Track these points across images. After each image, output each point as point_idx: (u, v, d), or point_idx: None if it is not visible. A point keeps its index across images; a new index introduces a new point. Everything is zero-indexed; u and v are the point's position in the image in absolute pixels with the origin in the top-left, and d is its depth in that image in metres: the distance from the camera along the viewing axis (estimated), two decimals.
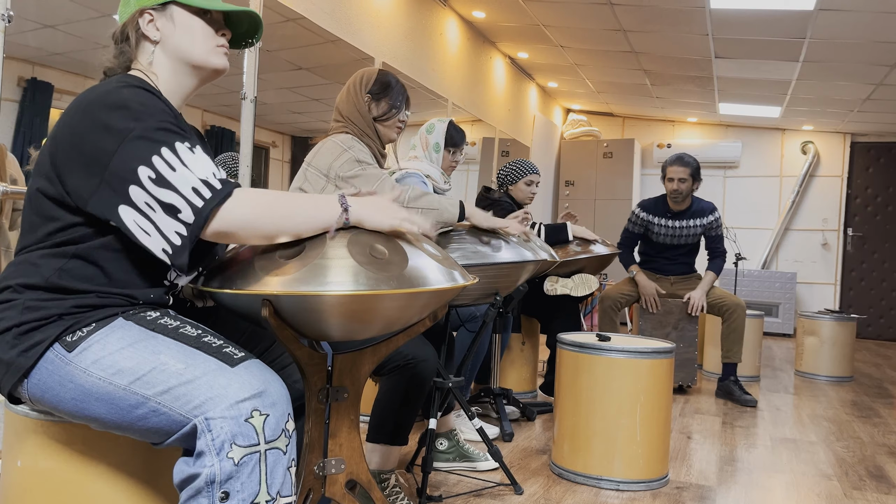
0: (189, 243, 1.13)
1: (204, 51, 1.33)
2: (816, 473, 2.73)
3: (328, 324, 1.21)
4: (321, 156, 2.07)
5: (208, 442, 1.07)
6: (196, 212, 1.12)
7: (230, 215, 1.14)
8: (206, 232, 1.14)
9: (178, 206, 1.12)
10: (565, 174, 8.05)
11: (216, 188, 1.14)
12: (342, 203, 1.22)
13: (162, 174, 1.12)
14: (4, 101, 2.19)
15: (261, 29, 1.42)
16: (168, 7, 1.31)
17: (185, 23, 1.31)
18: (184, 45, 1.32)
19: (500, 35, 5.82)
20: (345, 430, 1.44)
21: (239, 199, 1.15)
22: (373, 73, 2.20)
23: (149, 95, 1.20)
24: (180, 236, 1.13)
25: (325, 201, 1.22)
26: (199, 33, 1.32)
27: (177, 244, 1.13)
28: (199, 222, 1.12)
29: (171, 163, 1.13)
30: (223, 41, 1.36)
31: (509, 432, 2.96)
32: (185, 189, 1.12)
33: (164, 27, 1.31)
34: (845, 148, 7.76)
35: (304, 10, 3.53)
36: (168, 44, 1.32)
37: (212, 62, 1.34)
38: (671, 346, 2.50)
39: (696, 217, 4.10)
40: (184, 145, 1.15)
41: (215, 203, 1.13)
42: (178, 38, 1.31)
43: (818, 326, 5.03)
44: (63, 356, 1.14)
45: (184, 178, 1.13)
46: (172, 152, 1.14)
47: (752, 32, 4.78)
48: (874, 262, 7.73)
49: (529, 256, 2.09)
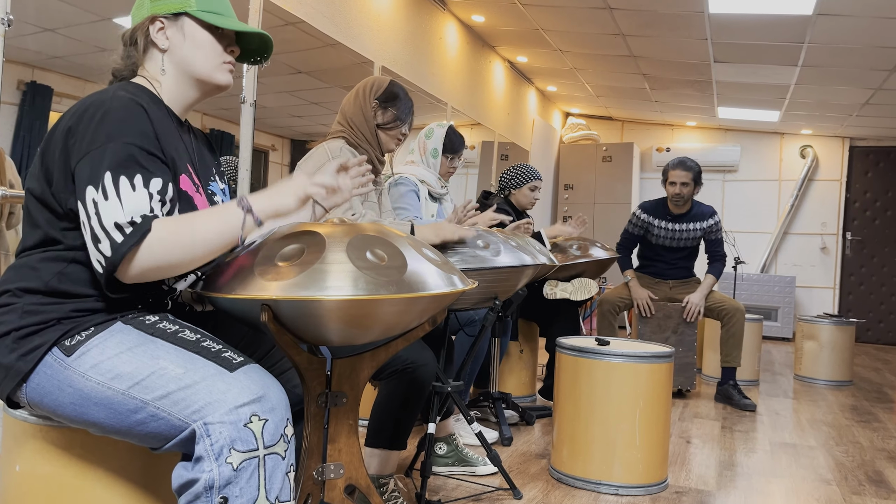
0: (106, 275, 1.12)
1: (210, 67, 1.33)
2: (816, 478, 2.72)
3: (327, 329, 1.21)
4: (310, 161, 2.09)
5: (207, 447, 1.06)
6: (114, 248, 1.11)
7: (149, 254, 1.12)
8: (127, 273, 1.12)
9: (99, 236, 1.11)
10: (564, 178, 8.05)
11: (137, 224, 1.11)
12: (242, 205, 1.19)
13: (97, 201, 1.12)
14: (4, 104, 2.19)
15: (271, 49, 1.42)
16: (181, 18, 1.31)
17: (195, 36, 1.32)
18: (190, 58, 1.32)
19: (499, 39, 5.82)
20: (344, 434, 1.44)
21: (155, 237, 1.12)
22: (384, 82, 2.22)
23: (134, 110, 1.19)
24: (100, 265, 1.12)
25: (228, 212, 1.18)
26: (208, 48, 1.33)
27: (98, 271, 1.13)
28: (115, 259, 1.11)
29: (108, 191, 1.12)
30: (230, 58, 1.36)
31: (508, 437, 2.96)
32: (108, 222, 1.11)
33: (173, 37, 1.31)
34: (844, 152, 7.77)
35: (304, 14, 3.54)
36: (175, 54, 1.32)
37: (216, 78, 1.35)
38: (670, 350, 2.50)
39: (695, 220, 4.11)
40: (130, 180, 1.13)
41: (133, 242, 1.11)
42: (186, 50, 1.32)
43: (817, 330, 5.03)
44: (62, 360, 1.14)
45: (112, 211, 1.11)
46: (114, 182, 1.12)
47: (750, 37, 4.78)
48: (873, 267, 7.73)
49: (528, 261, 2.09)
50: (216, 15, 1.33)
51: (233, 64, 1.37)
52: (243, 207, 1.19)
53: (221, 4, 1.35)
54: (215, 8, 1.33)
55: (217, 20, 1.31)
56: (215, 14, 1.33)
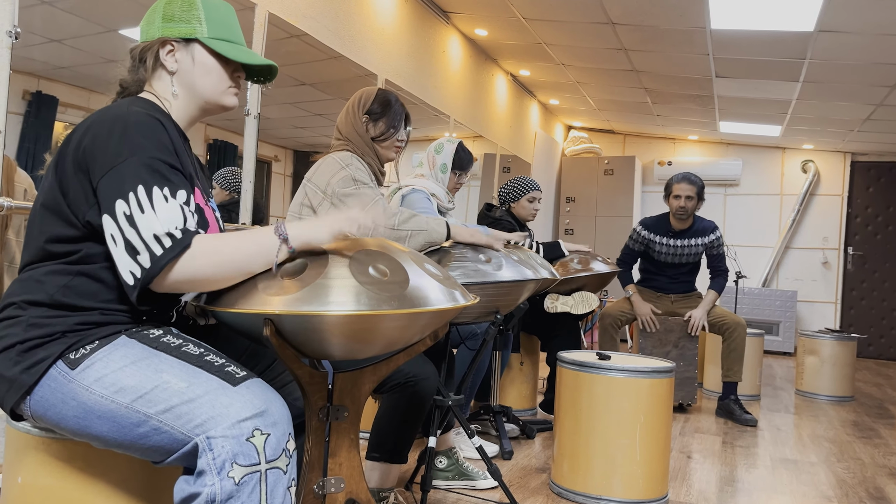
0: (140, 286, 1.13)
1: (217, 92, 1.36)
2: (817, 495, 2.72)
3: (329, 343, 1.22)
4: (320, 173, 2.09)
5: (209, 461, 1.07)
6: (154, 259, 1.12)
7: (185, 268, 1.14)
8: (162, 283, 1.14)
9: (138, 248, 1.13)
10: (566, 191, 8.07)
11: (177, 238, 1.13)
12: (280, 234, 1.21)
13: (132, 214, 1.13)
14: (9, 114, 2.20)
15: (275, 74, 1.44)
16: (191, 43, 1.33)
17: (205, 62, 1.34)
18: (198, 83, 1.34)
19: (502, 53, 5.85)
20: (345, 449, 1.44)
21: (194, 251, 1.14)
22: (371, 93, 2.21)
23: (153, 124, 1.21)
24: (134, 277, 1.13)
25: (265, 237, 1.20)
26: (216, 75, 1.35)
27: (129, 283, 1.14)
28: (153, 270, 1.12)
29: (142, 204, 1.14)
30: (237, 83, 1.39)
31: (509, 450, 2.95)
32: (147, 234, 1.13)
33: (182, 60, 1.33)
34: (846, 167, 7.78)
35: (308, 27, 3.56)
36: (183, 77, 1.34)
37: (223, 101, 1.38)
38: (671, 365, 2.50)
39: (697, 236, 4.11)
40: (161, 191, 1.16)
41: (173, 255, 1.13)
42: (194, 75, 1.34)
43: (819, 345, 5.03)
44: (66, 374, 1.14)
45: (149, 223, 1.13)
46: (147, 194, 1.14)
47: (752, 53, 4.81)
48: (875, 282, 7.73)
49: (530, 275, 2.10)
50: (227, 43, 1.35)
51: (239, 87, 1.40)
52: (280, 235, 1.21)
53: (231, 30, 1.37)
54: (225, 34, 1.35)
55: (228, 50, 1.34)
56: (226, 42, 1.35)
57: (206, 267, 1.15)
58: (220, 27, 1.35)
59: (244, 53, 1.36)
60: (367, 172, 2.12)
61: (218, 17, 1.35)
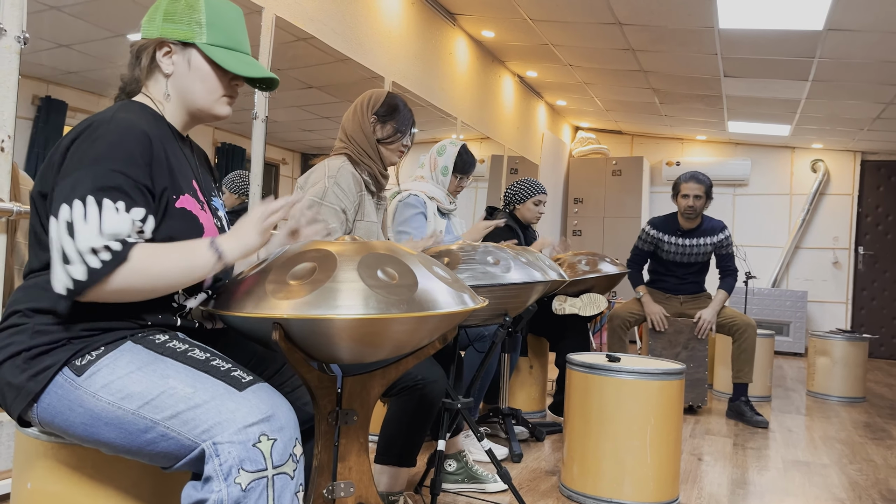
0: (71, 297, 1.11)
1: (210, 100, 1.33)
2: (829, 497, 2.69)
3: (338, 347, 1.21)
4: (310, 178, 2.09)
5: (216, 467, 1.06)
6: (90, 273, 1.09)
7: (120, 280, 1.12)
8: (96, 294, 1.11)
9: (71, 258, 1.09)
10: (574, 192, 8.05)
11: (116, 251, 1.11)
12: (214, 248, 1.19)
13: (73, 222, 1.10)
14: (18, 119, 2.21)
15: (276, 85, 1.41)
16: (189, 48, 1.30)
17: (200, 68, 1.31)
18: (192, 89, 1.31)
19: (509, 54, 5.84)
20: (354, 453, 1.44)
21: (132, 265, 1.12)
22: (381, 95, 2.20)
23: (132, 135, 1.18)
24: (66, 288, 1.10)
25: (200, 251, 1.19)
26: (210, 83, 1.32)
27: (59, 291, 1.11)
28: (87, 283, 1.09)
29: (88, 214, 1.11)
30: (232, 92, 1.35)
31: (518, 453, 2.94)
32: (84, 246, 1.09)
33: (178, 63, 1.30)
34: (856, 166, 7.73)
35: (315, 30, 3.56)
36: (178, 82, 1.31)
37: (214, 110, 1.34)
38: (681, 367, 2.48)
39: (706, 235, 4.09)
40: (114, 204, 1.13)
41: (110, 269, 1.10)
42: (189, 80, 1.31)
43: (830, 346, 4.99)
44: (72, 380, 1.14)
45: (89, 234, 1.10)
46: (97, 204, 1.11)
47: (761, 52, 4.78)
48: (886, 281, 7.67)
49: (538, 277, 2.09)
50: (226, 51, 1.31)
51: (235, 96, 1.36)
52: (215, 250, 1.19)
53: (233, 37, 1.33)
54: (225, 41, 1.31)
55: (225, 59, 1.29)
56: (225, 49, 1.31)
57: (138, 281, 1.13)
58: (222, 33, 1.31)
59: (243, 64, 1.32)
60: (357, 184, 2.09)
61: (221, 23, 1.31)
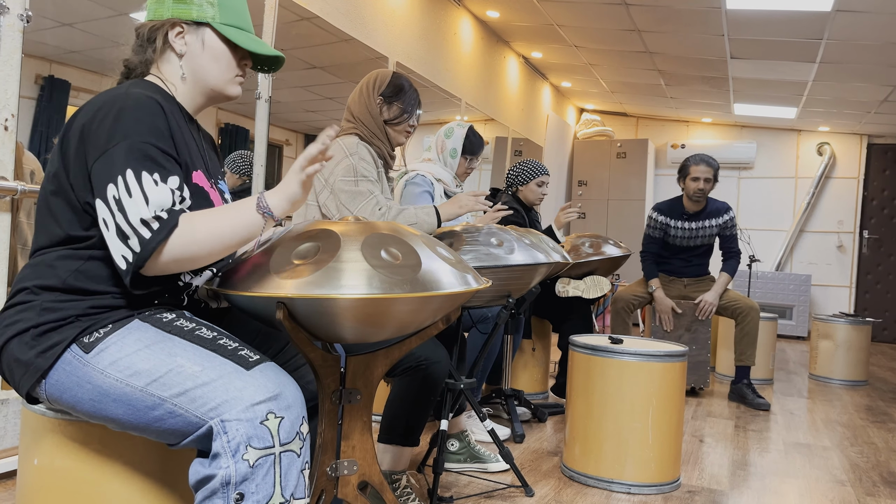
0: (133, 269, 1.14)
1: (223, 80, 1.36)
2: (830, 479, 2.71)
3: (342, 326, 1.22)
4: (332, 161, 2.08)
5: (224, 444, 1.07)
6: (143, 243, 1.13)
7: (175, 248, 1.14)
8: (154, 265, 1.14)
9: (127, 232, 1.13)
10: (578, 174, 8.03)
11: (164, 219, 1.14)
12: (262, 210, 1.20)
13: (120, 198, 1.13)
14: (22, 98, 2.20)
15: (281, 64, 1.44)
16: (202, 27, 1.32)
17: (214, 48, 1.33)
18: (206, 69, 1.34)
19: (513, 34, 5.80)
20: (357, 431, 1.45)
21: (182, 230, 1.15)
22: (387, 76, 2.19)
23: (150, 108, 1.20)
24: (126, 261, 1.14)
25: (248, 208, 1.20)
26: (224, 62, 1.34)
27: (121, 268, 1.14)
28: (144, 254, 1.13)
29: (131, 188, 1.14)
30: (243, 71, 1.38)
31: (520, 434, 2.96)
32: (135, 219, 1.13)
33: (191, 43, 1.32)
34: (862, 150, 7.69)
35: (319, 9, 3.54)
36: (191, 61, 1.33)
37: (227, 90, 1.37)
38: (684, 349, 2.49)
39: (711, 217, 4.09)
40: (151, 176, 1.15)
41: (162, 237, 1.13)
42: (203, 60, 1.33)
43: (833, 330, 5.00)
44: (80, 357, 1.15)
45: (137, 207, 1.13)
46: (137, 178, 1.14)
47: (768, 33, 4.74)
48: (890, 265, 7.66)
49: (542, 259, 2.09)
50: (237, 30, 1.34)
51: (245, 76, 1.40)
52: (263, 211, 1.21)
53: (241, 17, 1.36)
54: (235, 21, 1.34)
55: (238, 37, 1.33)
56: (236, 29, 1.34)
57: (194, 246, 1.16)
58: (232, 13, 1.34)
59: (254, 42, 1.35)
60: (373, 160, 2.11)
61: (230, 3, 1.34)
